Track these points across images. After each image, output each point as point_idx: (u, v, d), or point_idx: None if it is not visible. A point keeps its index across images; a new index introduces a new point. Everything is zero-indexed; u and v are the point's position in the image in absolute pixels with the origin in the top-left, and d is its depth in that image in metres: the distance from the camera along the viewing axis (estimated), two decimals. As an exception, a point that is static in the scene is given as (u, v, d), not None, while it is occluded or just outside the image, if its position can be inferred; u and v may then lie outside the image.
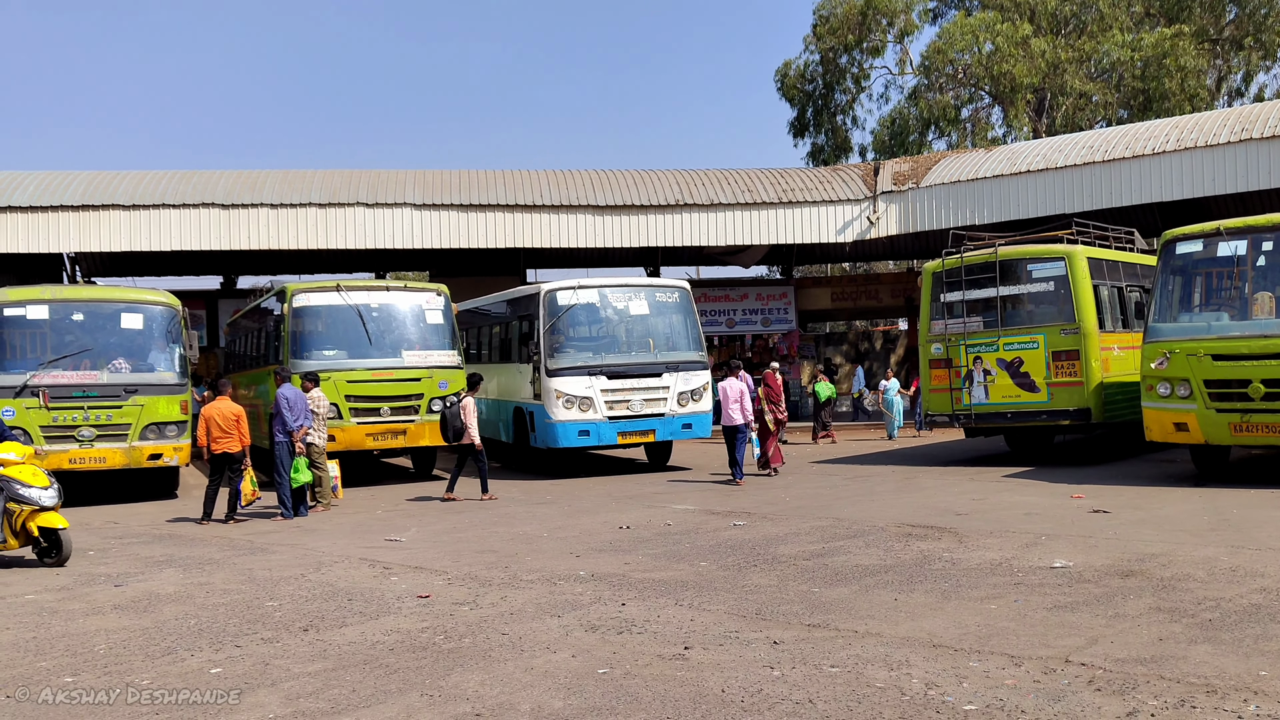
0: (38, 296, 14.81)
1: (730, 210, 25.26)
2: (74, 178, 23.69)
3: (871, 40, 41.72)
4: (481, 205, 24.28)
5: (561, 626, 6.62)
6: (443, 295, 16.85)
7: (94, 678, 5.84)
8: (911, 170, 25.89)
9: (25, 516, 9.40)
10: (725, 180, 25.90)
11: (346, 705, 5.19)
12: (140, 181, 23.71)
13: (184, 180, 24.01)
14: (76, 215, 22.57)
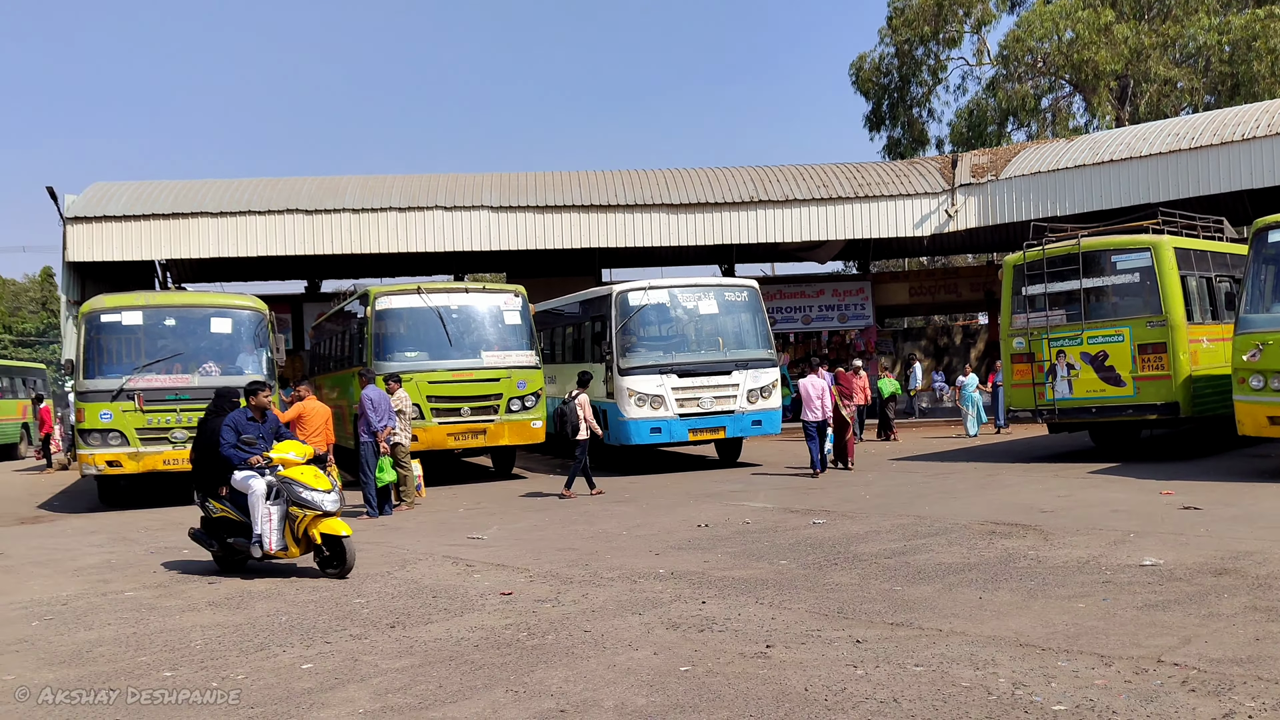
0: (132, 303, 15.29)
1: (805, 206, 25.11)
2: (165, 187, 24.43)
3: (948, 31, 41.07)
4: (557, 206, 24.48)
5: (643, 624, 6.66)
6: (520, 296, 17.03)
7: (191, 672, 6.01)
8: (990, 162, 25.48)
9: (307, 522, 8.81)
10: (800, 176, 25.74)
11: (434, 701, 5.28)
12: (227, 190, 24.36)
13: (269, 187, 24.61)
14: (167, 224, 23.28)
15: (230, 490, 9.23)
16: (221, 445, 9.14)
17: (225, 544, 9.24)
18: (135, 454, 14.33)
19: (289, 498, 8.85)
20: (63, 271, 23.92)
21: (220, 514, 9.30)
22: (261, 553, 8.86)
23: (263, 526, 8.84)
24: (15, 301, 75.12)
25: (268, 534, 8.84)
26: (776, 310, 29.03)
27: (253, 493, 8.89)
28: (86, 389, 14.43)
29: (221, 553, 9.30)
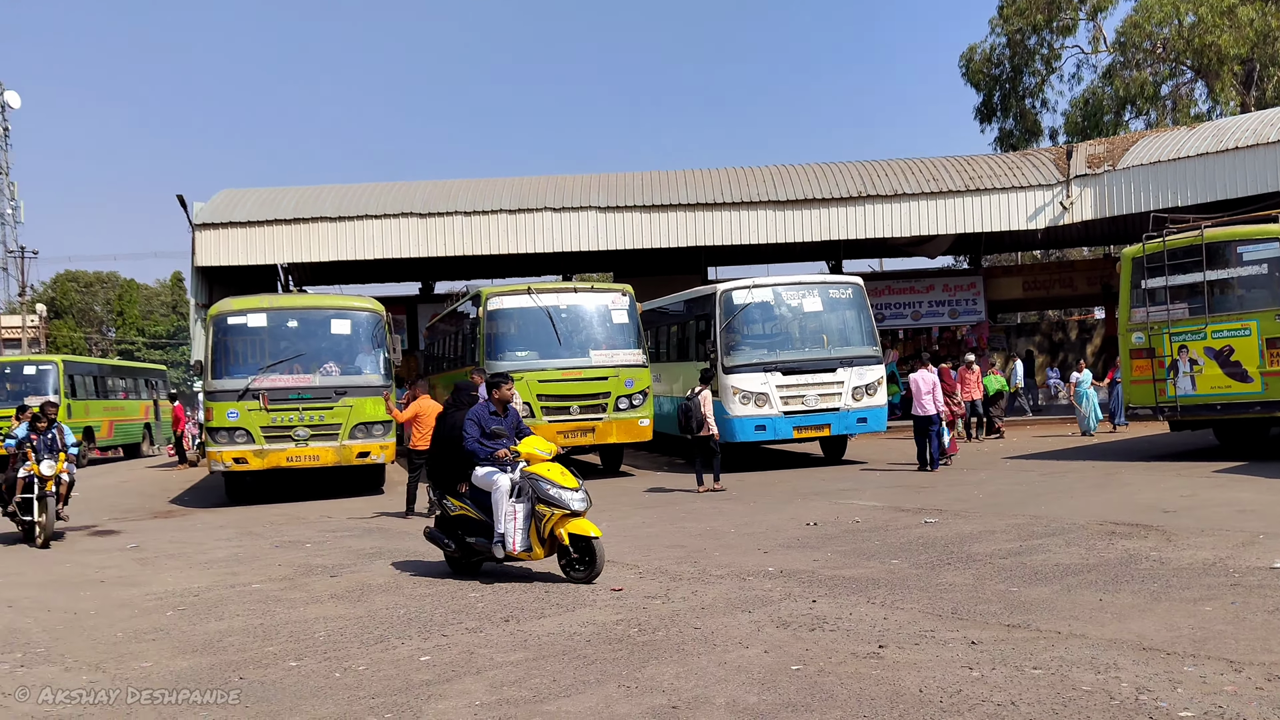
0: (256, 306, 15.87)
1: (915, 200, 24.72)
2: (287, 193, 25.29)
3: (1062, 19, 39.94)
4: (663, 205, 24.58)
5: (752, 622, 6.67)
6: (628, 295, 17.17)
7: (315, 663, 6.23)
8: (1107, 152, 24.69)
9: (554, 522, 8.24)
10: (909, 170, 25.35)
11: (548, 694, 5.38)
12: (345, 195, 25.09)
13: (384, 192, 25.26)
14: (289, 228, 24.10)
15: (470, 487, 8.83)
16: (465, 440, 8.71)
17: (464, 544, 8.77)
18: (260, 451, 14.87)
19: (536, 495, 8.35)
20: (192, 276, 24.96)
21: (459, 512, 8.86)
22: (504, 554, 8.41)
23: (506, 525, 8.38)
24: (148, 305, 78.62)
25: (511, 533, 8.38)
26: (885, 306, 28.68)
27: (497, 489, 8.46)
28: (214, 389, 15.03)
29: (458, 553, 8.84)
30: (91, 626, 7.57)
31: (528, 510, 8.39)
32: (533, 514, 8.38)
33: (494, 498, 8.47)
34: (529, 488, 8.41)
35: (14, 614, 8.18)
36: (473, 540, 8.68)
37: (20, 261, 53.94)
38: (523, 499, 8.42)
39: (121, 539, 12.48)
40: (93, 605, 8.37)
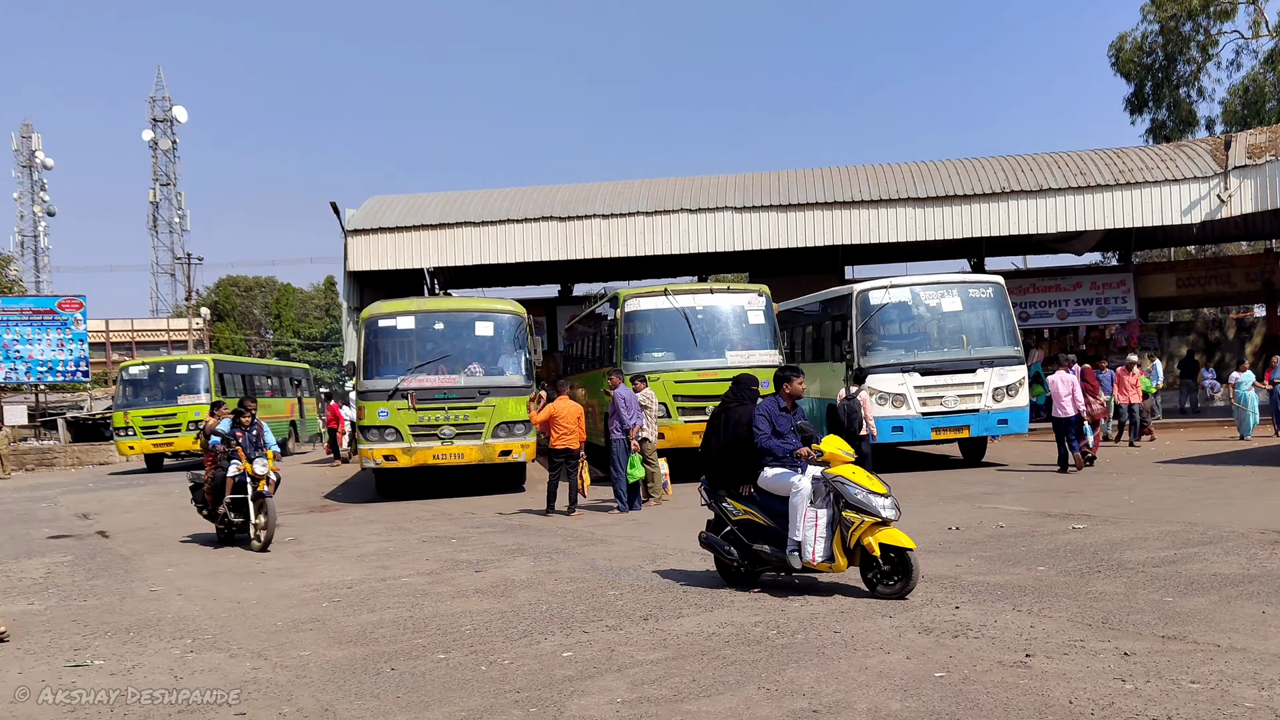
0: (405, 309, 16.42)
1: (1061, 195, 23.90)
2: (432, 199, 26.07)
3: (1219, 3, 38.03)
4: (799, 204, 24.38)
5: (894, 627, 6.60)
6: (764, 295, 17.11)
7: (462, 655, 6.44)
8: (1270, 141, 23.38)
9: (863, 531, 7.49)
10: (1055, 164, 24.52)
11: (688, 694, 5.43)
12: (488, 200, 25.71)
13: (525, 197, 25.78)
14: (435, 233, 24.85)
15: (755, 489, 8.13)
16: (757, 436, 8.00)
17: (749, 552, 8.00)
18: (409, 449, 15.38)
19: (845, 500, 7.56)
20: (344, 280, 25.96)
21: (742, 516, 8.10)
22: (801, 563, 7.68)
23: (805, 533, 7.64)
24: (303, 308, 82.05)
25: (811, 541, 7.63)
26: (1030, 305, 27.86)
27: (796, 492, 7.71)
28: (366, 389, 15.61)
29: (743, 562, 8.08)
30: (254, 615, 7.99)
31: (830, 516, 7.64)
32: (835, 521, 7.64)
33: (792, 501, 7.74)
34: (832, 491, 7.67)
35: (184, 601, 8.69)
36: (760, 548, 7.93)
37: (187, 267, 57.03)
38: (824, 504, 7.69)
39: (280, 532, 13.06)
40: (254, 595, 8.82)
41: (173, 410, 26.51)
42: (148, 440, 26.33)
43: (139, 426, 26.27)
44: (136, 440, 26.37)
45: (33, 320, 36.18)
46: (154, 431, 26.38)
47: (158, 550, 11.94)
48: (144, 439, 26.29)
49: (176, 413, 26.45)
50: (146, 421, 26.31)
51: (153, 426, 26.36)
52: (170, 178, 75.06)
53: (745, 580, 8.15)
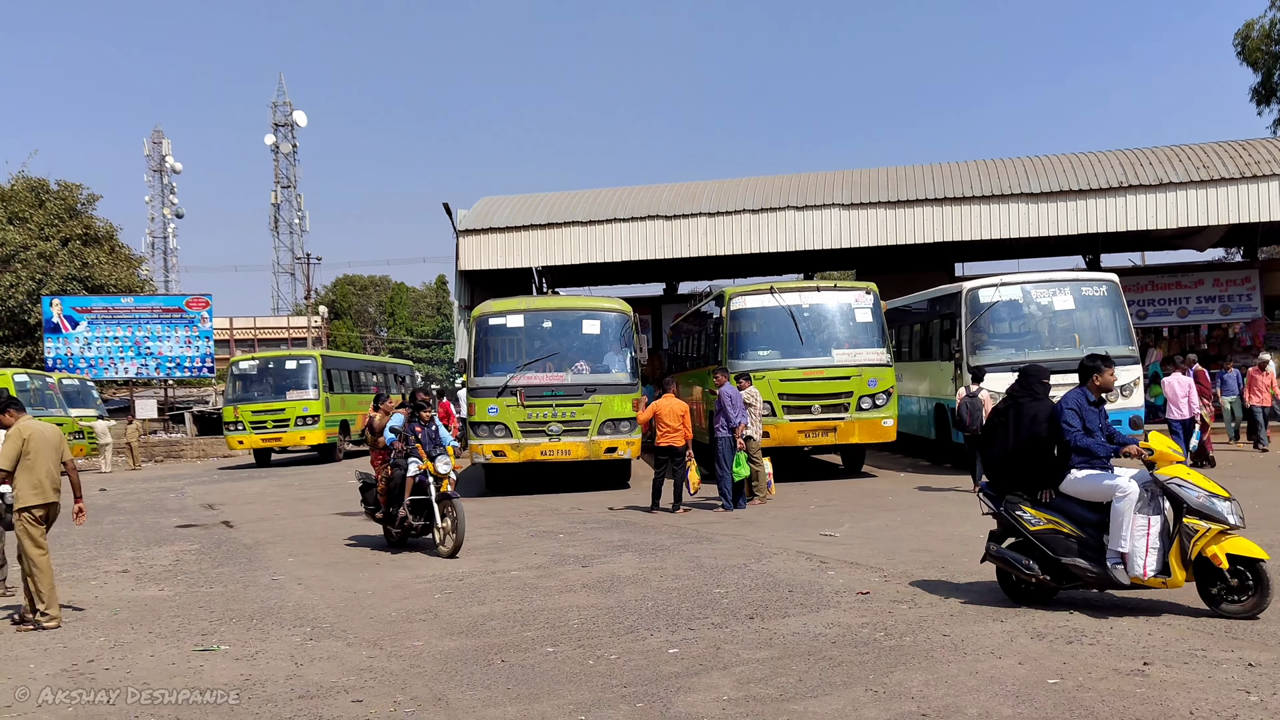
0: (514, 307, 16.69)
1: (1182, 189, 23.03)
2: (541, 200, 26.44)
3: (1356, -16, 36.05)
4: (908, 201, 24.01)
5: (1005, 632, 6.50)
6: (871, 293, 16.91)
7: (570, 649, 6.55)
8: None
9: (1207, 540, 6.66)
10: (1175, 157, 23.65)
11: (794, 694, 5.44)
12: (595, 199, 25.95)
13: (631, 196, 25.94)
14: (543, 233, 25.19)
15: (1058, 494, 7.33)
16: (1069, 434, 7.27)
17: (1055, 566, 7.09)
18: (517, 445, 15.64)
19: (1186, 505, 6.73)
20: (455, 279, 26.49)
21: (1044, 525, 7.20)
22: (1129, 578, 6.87)
23: (1134, 543, 6.83)
24: (415, 307, 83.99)
25: (1141, 554, 6.82)
26: (1148, 303, 26.98)
27: (1122, 496, 6.89)
28: (476, 385, 15.92)
29: (1046, 579, 7.10)
30: (369, 605, 8.24)
31: (1162, 524, 6.88)
32: (1166, 529, 6.87)
33: (1116, 507, 6.91)
34: (1165, 496, 6.88)
35: (303, 590, 9.01)
36: (1073, 562, 7.03)
37: (306, 267, 58.88)
38: (1154, 509, 6.91)
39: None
40: (370, 586, 9.10)
41: (281, 405, 26.54)
42: (256, 435, 26.49)
43: (248, 421, 26.39)
44: (245, 435, 26.49)
45: (162, 318, 37.82)
46: (263, 426, 26.49)
47: (278, 540, 12.37)
48: (253, 434, 26.44)
49: (285, 408, 26.51)
50: (255, 416, 26.43)
51: (261, 421, 26.47)
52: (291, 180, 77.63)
53: (1039, 598, 7.31)
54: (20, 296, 38.64)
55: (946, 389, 17.15)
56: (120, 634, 7.50)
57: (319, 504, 16.55)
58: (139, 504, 17.72)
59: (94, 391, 32.47)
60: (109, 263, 41.24)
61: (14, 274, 38.95)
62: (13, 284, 38.73)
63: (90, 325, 36.87)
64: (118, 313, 37.29)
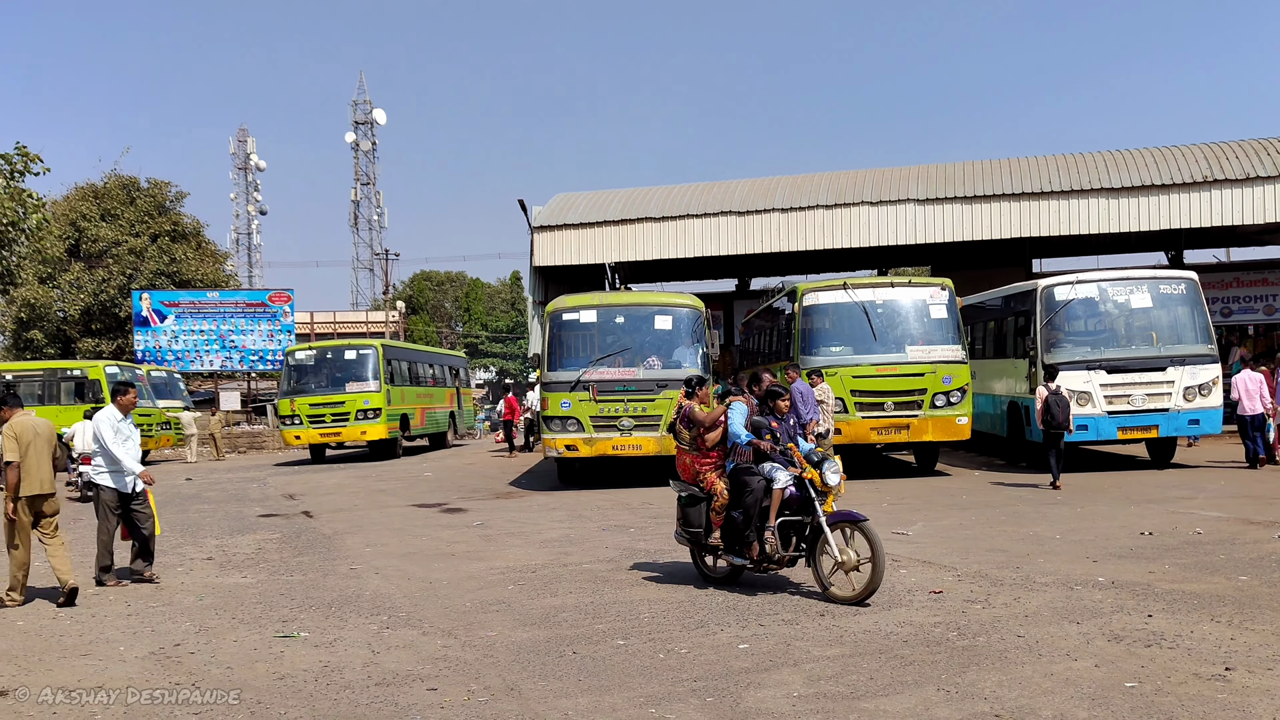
0: (588, 303, 16.82)
1: (1269, 184, 22.36)
2: (613, 196, 26.56)
3: None
4: (984, 196, 23.66)
5: (1081, 634, 6.41)
6: (946, 289, 16.72)
7: (640, 643, 6.61)
8: None
9: None
10: (1263, 150, 22.94)
11: (865, 692, 5.43)
12: (668, 196, 26.00)
13: (704, 192, 25.94)
14: (617, 229, 25.30)
15: None
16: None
17: None
18: (589, 439, 15.77)
19: None
20: (530, 275, 26.74)
21: None
22: None
23: None
24: (490, 302, 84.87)
25: None
26: (1232, 300, 26.31)
27: None
28: (550, 380, 16.08)
29: None
30: (444, 595, 8.39)
31: None
32: None
33: None
34: None
35: (380, 580, 9.20)
36: None
37: (384, 263, 59.99)
38: None
39: (469, 516, 13.66)
40: (445, 576, 9.26)
41: (341, 398, 25.10)
42: (314, 430, 25.02)
43: (305, 415, 25.00)
44: (303, 429, 25.08)
45: (246, 312, 38.84)
46: (320, 420, 25.02)
47: (356, 530, 12.64)
48: (310, 428, 25.00)
49: (345, 401, 25.06)
50: (314, 410, 25.03)
51: (320, 415, 25.05)
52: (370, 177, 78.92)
53: None
54: (112, 291, 39.95)
55: (1021, 387, 17.02)
56: (205, 619, 7.75)
57: (396, 495, 16.86)
58: (223, 494, 18.22)
59: (180, 383, 33.39)
60: (196, 258, 42.41)
61: (106, 269, 40.29)
62: (105, 279, 40.06)
63: (178, 319, 37.99)
64: (204, 307, 38.37)
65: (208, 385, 45.83)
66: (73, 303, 39.88)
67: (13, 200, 19.42)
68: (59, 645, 7.08)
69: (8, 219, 19.23)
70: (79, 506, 14.69)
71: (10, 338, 41.47)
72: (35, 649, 7.00)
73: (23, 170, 20.36)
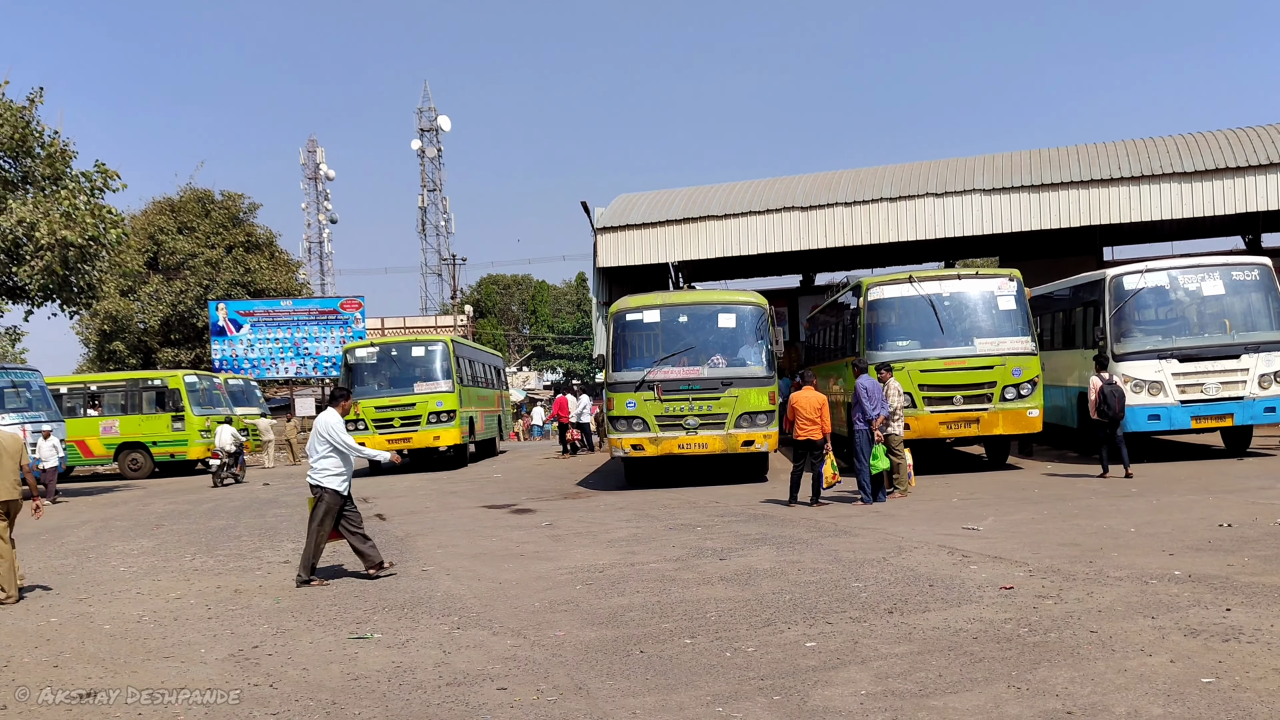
0: (651, 303, 16.86)
1: (1357, 163, 21.63)
2: (676, 195, 26.60)
3: None
4: (1053, 184, 23.27)
5: (1156, 628, 6.30)
6: (1015, 280, 16.47)
7: (707, 641, 6.63)
8: None
9: None
10: (1350, 129, 22.24)
11: (934, 689, 5.39)
12: (730, 193, 25.97)
13: (767, 188, 25.86)
14: (679, 228, 25.35)
15: None
16: None
17: None
18: (655, 439, 15.82)
19: None
20: (594, 276, 26.89)
21: None
22: None
23: None
24: (556, 304, 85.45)
25: None
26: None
27: None
28: (615, 380, 16.15)
29: None
30: (514, 596, 8.49)
31: None
32: None
33: None
34: None
35: (451, 581, 9.34)
36: None
37: (452, 268, 60.57)
38: None
39: (537, 517, 13.78)
40: (514, 577, 9.36)
41: (411, 399, 22.52)
42: (381, 436, 21.91)
43: (371, 419, 22.19)
44: (369, 435, 21.53)
45: (319, 319, 39.61)
46: (388, 425, 22.28)
47: (428, 532, 12.82)
48: (376, 434, 21.87)
49: (415, 402, 22.49)
50: (380, 413, 22.32)
51: (387, 419, 22.34)
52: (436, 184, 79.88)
53: None
54: (189, 302, 41.00)
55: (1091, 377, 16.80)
56: (282, 621, 7.94)
57: (466, 497, 17.07)
58: (299, 498, 18.54)
59: (256, 390, 34.14)
60: (269, 268, 43.32)
61: (183, 280, 41.35)
62: (183, 290, 41.12)
63: (253, 328, 38.87)
64: (278, 315, 39.22)
65: (283, 392, 46.76)
66: (152, 314, 40.97)
67: (94, 217, 20.00)
68: (143, 647, 7.32)
69: (89, 235, 19.81)
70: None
71: (94, 349, 42.75)
72: (121, 651, 7.24)
73: (102, 187, 20.96)
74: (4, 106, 19.86)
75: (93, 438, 26.96)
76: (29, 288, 20.50)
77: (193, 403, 26.81)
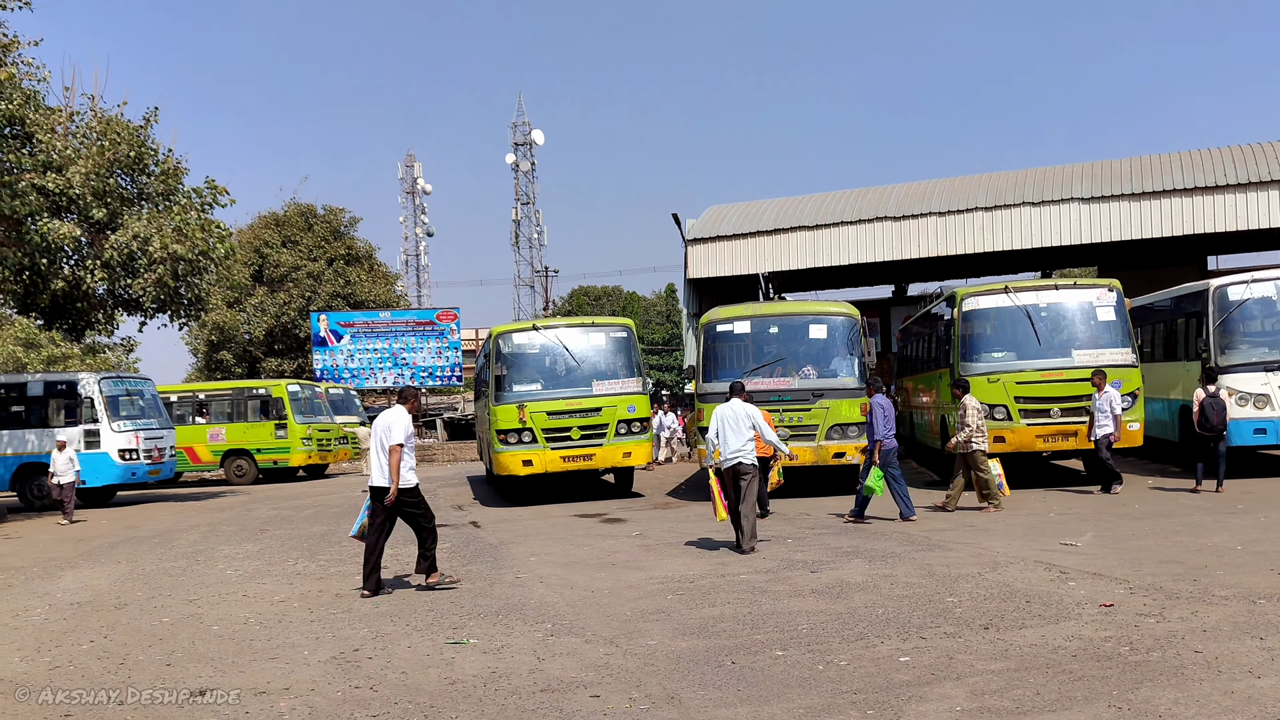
0: (742, 314, 16.85)
1: None
2: (767, 206, 26.59)
3: None
4: (1154, 192, 22.67)
5: (1264, 649, 6.12)
6: (1114, 291, 16.09)
7: (800, 654, 6.62)
8: None
9: None
10: None
11: (1031, 708, 5.31)
12: (821, 203, 25.86)
13: (859, 198, 25.68)
14: (769, 239, 25.31)
15: None
16: None
17: None
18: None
19: None
20: (684, 287, 26.99)
21: None
22: None
23: None
24: (645, 315, 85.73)
25: None
26: None
27: None
28: (705, 391, 16.17)
29: None
30: (606, 604, 8.58)
31: None
32: None
33: None
34: None
35: (544, 589, 9.47)
36: None
37: (544, 279, 61.29)
38: None
39: (628, 526, 13.88)
40: (606, 585, 9.46)
41: (596, 403, 16.85)
42: (555, 452, 16.60)
43: (540, 428, 16.63)
44: (536, 452, 16.59)
45: (416, 331, 40.51)
46: (564, 437, 16.70)
47: (521, 540, 13.01)
48: (548, 449, 16.58)
49: (601, 406, 16.84)
50: (552, 420, 16.67)
51: (563, 429, 16.70)
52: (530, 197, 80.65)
53: None
54: (292, 313, 42.26)
55: (1194, 390, 16.33)
56: (381, 626, 8.15)
57: (557, 506, 17.21)
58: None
59: (356, 400, 34.99)
60: (368, 280, 44.41)
61: (287, 293, 42.64)
62: (286, 302, 42.41)
63: (353, 339, 39.90)
64: (376, 327, 40.20)
65: (381, 401, 47.76)
66: (257, 325, 42.30)
67: (203, 231, 20.76)
68: (250, 649, 7.59)
69: (199, 249, 20.57)
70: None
71: (202, 359, 44.29)
72: (229, 652, 7.52)
73: (212, 203, 21.76)
74: (123, 126, 20.72)
75: (200, 444, 27.93)
76: (142, 300, 21.39)
77: (295, 411, 27.61)
